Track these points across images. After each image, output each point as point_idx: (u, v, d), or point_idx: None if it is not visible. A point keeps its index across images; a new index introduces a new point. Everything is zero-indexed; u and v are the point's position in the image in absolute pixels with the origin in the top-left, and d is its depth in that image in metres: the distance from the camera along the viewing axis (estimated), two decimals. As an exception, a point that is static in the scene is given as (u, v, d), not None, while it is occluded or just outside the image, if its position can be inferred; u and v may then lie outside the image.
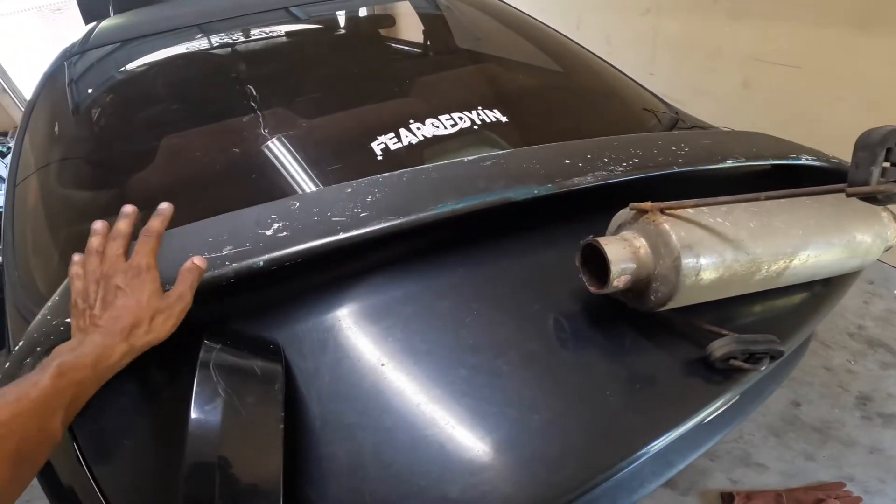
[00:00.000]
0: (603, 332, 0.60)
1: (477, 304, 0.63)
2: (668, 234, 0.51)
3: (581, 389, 0.56)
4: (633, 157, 0.75)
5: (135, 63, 1.28)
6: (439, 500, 0.47)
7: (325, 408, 0.54)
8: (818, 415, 1.41)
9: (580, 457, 0.51)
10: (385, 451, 0.50)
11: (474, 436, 0.52)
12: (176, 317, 0.49)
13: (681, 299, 0.53)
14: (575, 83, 1.22)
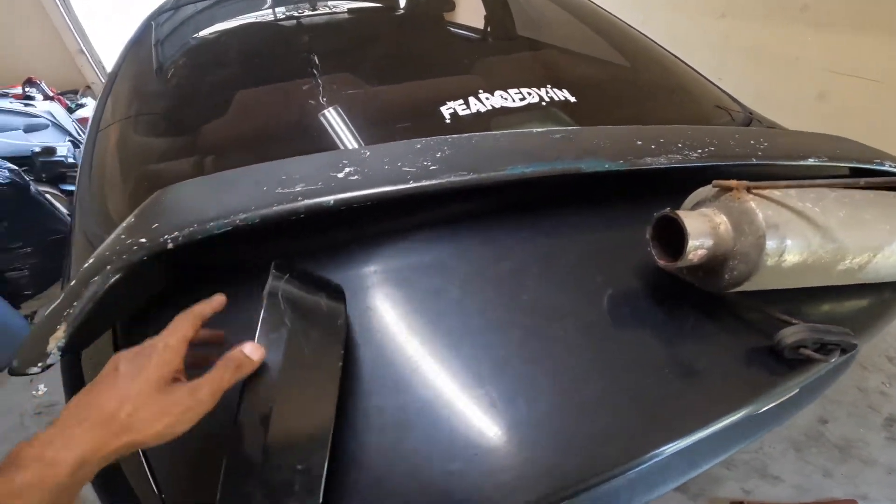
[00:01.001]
0: (666, 312, 0.59)
1: (537, 269, 0.63)
2: (754, 212, 0.49)
3: (640, 367, 0.55)
4: (708, 146, 0.72)
5: (216, 23, 1.33)
6: (487, 463, 0.47)
7: (374, 358, 0.55)
8: (843, 433, 1.40)
9: (636, 434, 0.50)
10: (433, 409, 0.51)
11: (526, 402, 0.51)
12: (174, 418, 0.36)
13: (758, 281, 0.51)
14: (646, 75, 1.19)
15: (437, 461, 0.48)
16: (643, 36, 1.30)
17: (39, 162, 2.59)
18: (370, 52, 1.30)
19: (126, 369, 0.37)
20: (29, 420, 1.65)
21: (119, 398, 0.35)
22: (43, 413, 1.67)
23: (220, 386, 0.38)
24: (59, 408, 1.55)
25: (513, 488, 0.46)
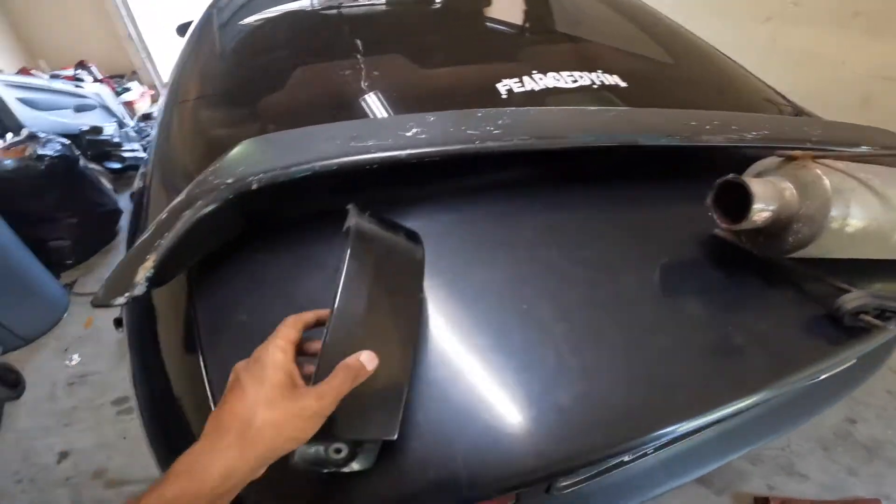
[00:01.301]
0: (725, 277, 0.61)
1: (592, 230, 0.66)
2: (821, 178, 0.51)
3: (705, 328, 0.56)
4: (762, 129, 0.74)
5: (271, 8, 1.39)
6: (553, 409, 0.49)
7: (443, 306, 0.57)
8: (871, 433, 1.40)
9: (707, 388, 0.52)
10: (503, 358, 0.53)
11: (588, 355, 0.54)
12: (304, 422, 0.37)
13: (820, 245, 0.53)
14: (696, 69, 1.21)
15: (505, 410, 0.50)
16: (689, 32, 1.31)
17: (87, 140, 2.72)
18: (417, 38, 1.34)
19: (247, 379, 0.37)
20: (60, 391, 1.68)
21: (250, 408, 0.36)
22: (75, 384, 1.70)
23: (341, 392, 0.39)
24: (92, 378, 1.58)
25: (589, 436, 0.49)
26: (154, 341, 0.67)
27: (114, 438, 1.50)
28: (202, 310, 0.60)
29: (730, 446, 0.84)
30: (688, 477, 0.82)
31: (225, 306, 0.60)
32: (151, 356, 0.67)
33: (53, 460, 1.46)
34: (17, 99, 2.64)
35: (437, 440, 0.48)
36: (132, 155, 2.91)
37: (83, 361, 1.79)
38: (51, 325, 1.95)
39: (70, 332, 1.93)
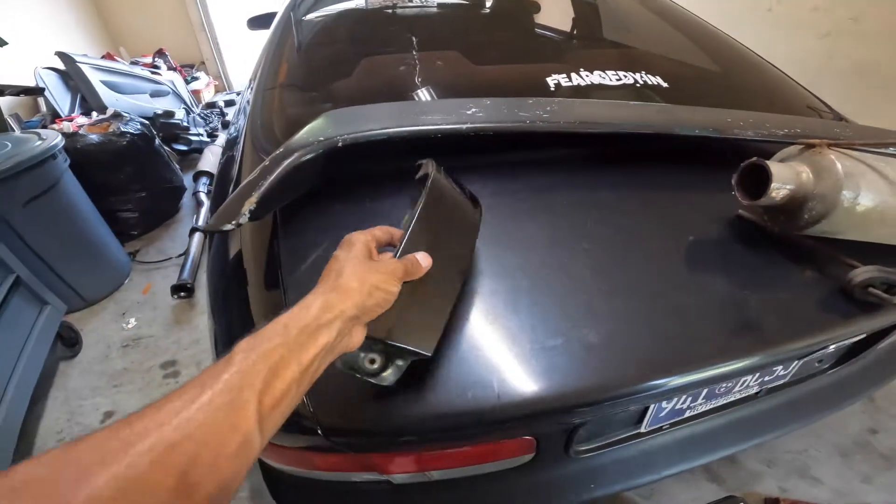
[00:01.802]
0: (739, 245, 0.68)
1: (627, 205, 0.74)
2: (834, 163, 0.59)
3: (717, 286, 0.65)
4: (794, 127, 0.80)
5: (343, 7, 1.54)
6: (577, 352, 0.59)
7: (492, 252, 0.68)
8: (892, 444, 1.39)
9: (723, 342, 0.60)
10: (539, 296, 0.64)
11: (614, 308, 0.63)
12: (381, 277, 0.46)
13: (833, 222, 0.60)
14: (740, 75, 1.27)
15: (536, 340, 0.60)
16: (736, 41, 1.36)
17: (160, 122, 2.98)
18: (472, 37, 1.46)
19: (340, 250, 0.48)
20: (115, 352, 1.80)
21: (341, 264, 0.46)
22: (129, 346, 1.82)
23: (405, 272, 0.49)
24: (145, 341, 1.74)
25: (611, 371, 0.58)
26: (239, 276, 0.80)
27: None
28: (284, 249, 0.72)
29: (741, 435, 0.90)
30: (698, 461, 0.88)
31: (304, 247, 0.72)
32: (235, 288, 0.79)
33: (97, 420, 1.54)
34: (101, 81, 2.93)
35: (478, 367, 0.58)
36: (197, 139, 3.17)
37: (138, 325, 1.91)
38: (112, 290, 2.12)
39: (129, 297, 2.08)
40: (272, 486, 0.83)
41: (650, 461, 0.86)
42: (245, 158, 0.98)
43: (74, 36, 3.76)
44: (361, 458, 0.65)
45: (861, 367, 0.97)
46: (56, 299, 1.71)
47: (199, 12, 4.32)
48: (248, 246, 0.82)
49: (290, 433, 0.57)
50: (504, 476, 0.79)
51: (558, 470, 0.81)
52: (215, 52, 4.52)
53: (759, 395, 0.88)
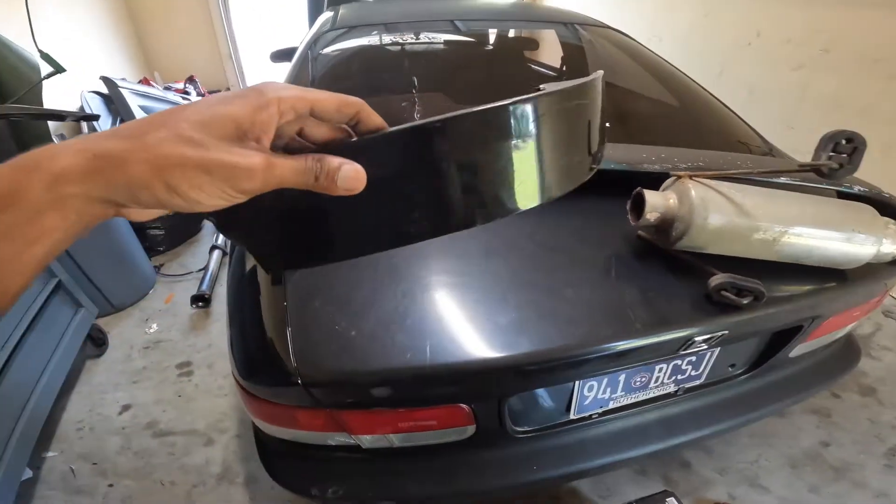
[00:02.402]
0: (632, 257, 0.90)
1: (554, 224, 0.97)
2: (690, 190, 0.80)
3: (612, 285, 0.86)
4: (699, 161, 1.02)
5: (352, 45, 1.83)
6: (498, 330, 0.81)
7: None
8: (842, 456, 1.51)
9: (604, 325, 0.81)
10: (482, 303, 0.85)
11: (551, 298, 0.85)
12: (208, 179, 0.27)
13: (692, 237, 0.80)
14: (680, 110, 1.49)
15: (464, 320, 0.82)
16: (691, 79, 1.59)
17: (187, 146, 3.33)
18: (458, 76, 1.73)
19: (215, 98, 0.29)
20: (136, 353, 2.05)
21: (175, 118, 0.28)
22: (150, 348, 2.08)
23: (287, 179, 0.30)
24: (164, 345, 2.06)
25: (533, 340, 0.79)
26: (248, 265, 1.03)
27: (171, 396, 1.82)
28: None
29: (667, 433, 1.08)
30: (630, 453, 1.06)
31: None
32: (247, 277, 1.02)
33: (115, 412, 1.75)
34: (139, 106, 3.32)
35: (416, 336, 0.80)
36: (220, 162, 3.51)
37: (159, 330, 2.18)
38: (138, 298, 2.41)
39: (153, 306, 2.37)
40: (264, 458, 1.05)
41: (586, 449, 1.06)
42: None
43: (116, 60, 4.21)
44: (333, 414, 0.86)
45: (775, 380, 1.15)
46: (90, 303, 1.99)
47: (228, 43, 4.79)
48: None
49: (278, 385, 0.80)
50: (457, 450, 1.00)
51: (503, 449, 1.02)
52: (240, 81, 4.97)
53: (679, 395, 1.07)
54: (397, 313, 0.82)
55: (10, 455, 1.36)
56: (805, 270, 0.89)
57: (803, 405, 1.65)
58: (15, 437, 1.40)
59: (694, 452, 1.51)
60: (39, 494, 1.49)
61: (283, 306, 0.85)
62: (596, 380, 0.95)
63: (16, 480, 1.37)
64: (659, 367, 0.98)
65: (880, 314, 2.09)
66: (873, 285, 1.01)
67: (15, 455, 1.38)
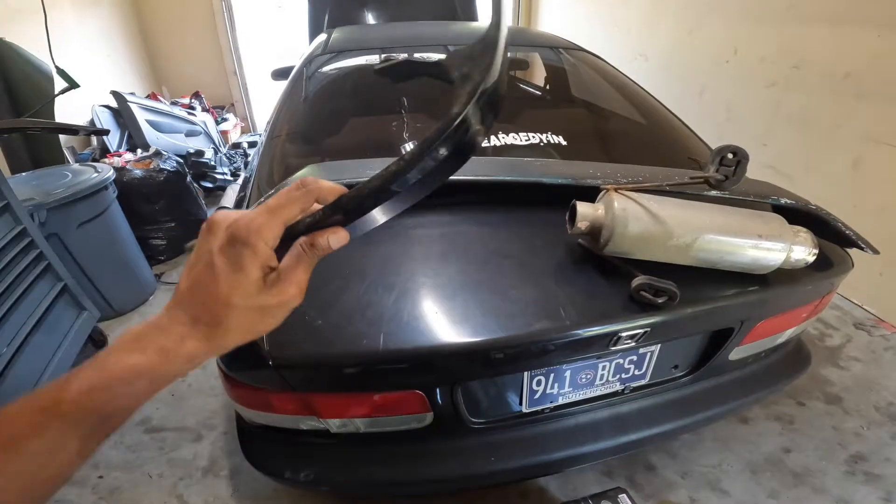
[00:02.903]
0: (571, 262, 1.04)
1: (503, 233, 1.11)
2: (614, 202, 0.94)
3: (550, 286, 0.99)
4: (638, 176, 1.15)
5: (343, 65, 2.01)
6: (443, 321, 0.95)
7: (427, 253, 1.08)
8: (803, 462, 1.59)
9: (541, 319, 0.94)
10: (434, 298, 0.99)
11: (496, 297, 0.98)
12: (273, 317, 0.40)
13: (616, 243, 0.94)
14: (641, 127, 1.64)
15: (437, 308, 0.96)
16: (657, 101, 1.74)
17: (191, 161, 3.55)
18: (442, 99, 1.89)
19: (223, 262, 0.36)
20: None
21: (223, 303, 0.36)
22: None
23: (307, 272, 0.40)
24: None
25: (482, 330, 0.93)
26: None
27: (164, 394, 1.92)
28: None
29: (617, 430, 1.19)
30: (583, 448, 1.17)
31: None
32: None
33: None
34: (146, 121, 3.55)
35: (370, 325, 0.93)
36: (222, 178, 3.71)
37: (162, 333, 2.39)
38: (138, 304, 2.60)
39: (152, 311, 2.53)
40: (243, 443, 1.19)
41: (541, 443, 1.17)
42: (252, 195, 1.40)
43: (126, 75, 4.48)
44: (303, 397, 1.00)
45: (720, 382, 1.27)
46: (92, 307, 2.15)
47: (233, 59, 5.06)
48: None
49: (253, 368, 0.94)
50: (418, 438, 1.12)
51: (461, 439, 1.14)
52: (244, 96, 5.23)
53: (626, 393, 1.19)
54: (358, 306, 0.96)
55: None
56: (726, 276, 1.02)
57: (766, 411, 1.75)
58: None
59: (659, 456, 1.61)
60: (28, 485, 1.62)
61: None
62: (543, 374, 1.08)
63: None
64: (602, 365, 1.11)
65: (851, 326, 2.19)
66: (802, 290, 1.13)
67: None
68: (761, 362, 1.33)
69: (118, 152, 3.13)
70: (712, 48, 2.84)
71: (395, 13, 3.58)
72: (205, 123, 4.01)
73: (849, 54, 2.15)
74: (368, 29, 2.97)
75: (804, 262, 0.99)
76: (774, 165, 2.46)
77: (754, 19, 2.58)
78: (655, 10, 3.33)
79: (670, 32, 3.19)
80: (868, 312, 2.27)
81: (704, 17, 2.89)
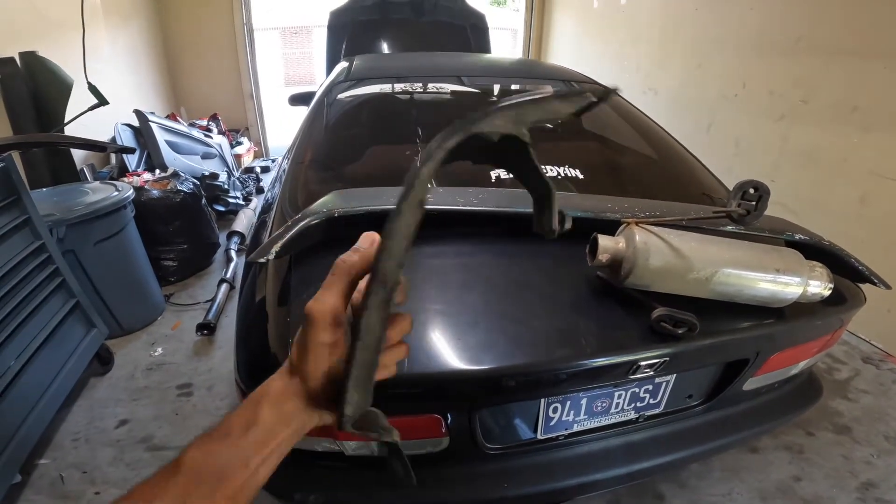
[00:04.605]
0: (591, 293, 1.06)
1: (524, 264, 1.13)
2: (635, 235, 0.96)
3: (571, 316, 1.02)
4: (655, 210, 1.18)
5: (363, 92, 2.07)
6: (464, 349, 0.96)
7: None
8: (814, 491, 1.59)
9: (561, 347, 0.96)
10: (457, 325, 1.01)
11: (518, 325, 1.00)
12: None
13: (637, 276, 0.96)
14: (654, 162, 1.68)
15: (459, 334, 0.98)
16: (669, 135, 1.78)
17: (206, 183, 3.60)
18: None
19: (301, 368, 0.40)
20: (139, 373, 2.21)
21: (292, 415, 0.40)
22: (153, 369, 2.24)
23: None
24: (167, 367, 2.25)
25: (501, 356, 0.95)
26: (259, 293, 1.20)
27: (168, 413, 1.94)
28: (295, 279, 1.13)
29: (630, 458, 1.20)
30: (596, 476, 1.17)
31: (309, 279, 1.12)
32: (256, 302, 1.19)
33: (113, 425, 1.87)
34: (165, 141, 3.62)
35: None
36: (234, 201, 3.76)
37: (164, 354, 2.35)
38: (147, 323, 2.61)
39: (160, 331, 2.55)
40: None
41: (553, 471, 1.18)
42: (276, 219, 1.43)
43: (148, 94, 4.58)
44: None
45: (734, 412, 1.28)
46: (102, 324, 2.16)
47: (251, 83, 5.18)
48: (272, 272, 1.22)
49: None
50: (433, 462, 1.12)
51: (475, 464, 1.14)
52: (259, 120, 5.34)
53: (640, 422, 1.20)
54: None
55: (4, 460, 1.46)
56: (743, 308, 1.04)
57: (775, 441, 1.75)
58: (13, 444, 1.52)
59: (668, 485, 1.60)
60: (25, 498, 1.59)
61: (287, 321, 1.01)
62: (559, 401, 1.09)
63: (5, 484, 1.46)
64: (618, 394, 1.12)
65: (859, 360, 2.19)
66: (816, 324, 1.15)
67: (8, 460, 1.49)
68: (774, 393, 1.34)
69: (137, 171, 3.19)
70: (721, 82, 2.91)
71: (410, 43, 3.70)
72: (220, 146, 4.09)
73: (856, 87, 2.18)
74: (389, 58, 3.07)
75: (820, 296, 1.01)
76: (783, 202, 2.49)
77: (763, 53, 2.63)
78: (664, 46, 3.43)
79: (679, 67, 3.28)
80: (875, 347, 2.28)
81: (713, 51, 2.96)
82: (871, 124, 2.16)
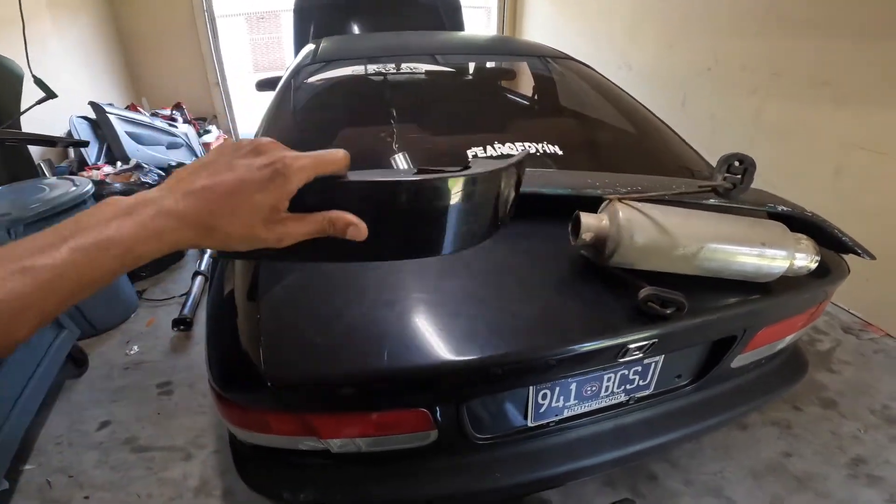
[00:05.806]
0: (574, 274, 1.03)
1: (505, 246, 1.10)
2: (618, 212, 0.93)
3: (555, 300, 0.98)
4: (636, 185, 1.15)
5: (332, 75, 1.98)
6: (446, 339, 0.92)
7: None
8: (805, 467, 1.60)
9: (547, 333, 0.93)
10: (438, 316, 0.97)
11: (501, 312, 0.96)
12: (262, 242, 0.40)
13: (622, 254, 0.93)
14: (633, 136, 1.65)
15: (441, 325, 0.94)
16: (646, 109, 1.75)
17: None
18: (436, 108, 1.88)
19: (254, 181, 0.37)
20: (116, 373, 2.14)
21: (234, 211, 0.37)
22: (130, 368, 2.17)
23: (309, 234, 0.41)
24: (145, 366, 2.17)
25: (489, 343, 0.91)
26: (227, 288, 1.14)
27: (150, 413, 1.89)
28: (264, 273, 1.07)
29: (622, 442, 1.18)
30: (587, 461, 1.15)
31: (278, 271, 1.07)
32: (224, 297, 1.13)
33: (94, 428, 1.83)
34: (125, 132, 3.46)
35: (374, 344, 0.90)
36: (204, 190, 3.64)
37: (140, 352, 2.27)
38: (120, 321, 2.51)
39: (134, 328, 2.46)
40: (238, 464, 1.14)
41: (545, 457, 1.15)
42: None
43: (105, 86, 4.37)
44: (302, 418, 0.96)
45: (722, 390, 1.27)
46: (72, 325, 2.06)
47: (216, 70, 4.99)
48: (239, 267, 1.17)
49: (250, 390, 0.91)
50: (421, 455, 1.09)
51: (465, 455, 1.11)
52: (226, 108, 5.15)
53: (630, 404, 1.18)
54: (359, 324, 0.93)
55: (-13, 468, 1.41)
56: (730, 285, 1.02)
57: (763, 418, 1.76)
58: (-8, 452, 1.46)
59: (660, 465, 1.60)
60: (14, 504, 1.54)
61: (257, 319, 0.96)
62: (548, 387, 1.06)
63: (-10, 492, 1.42)
64: (607, 377, 1.09)
65: (840, 330, 2.23)
66: (802, 297, 1.14)
67: (-9, 468, 1.43)
68: (762, 369, 1.34)
69: (97, 165, 3.05)
70: (693, 56, 2.89)
71: (382, 24, 3.58)
72: (186, 135, 3.94)
73: (826, 62, 2.20)
74: (357, 38, 2.97)
75: (806, 269, 0.99)
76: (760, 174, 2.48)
77: (734, 28, 2.63)
78: (636, 22, 3.39)
79: (652, 42, 3.24)
80: (855, 316, 2.32)
81: (685, 26, 2.94)
82: (842, 97, 2.17)
